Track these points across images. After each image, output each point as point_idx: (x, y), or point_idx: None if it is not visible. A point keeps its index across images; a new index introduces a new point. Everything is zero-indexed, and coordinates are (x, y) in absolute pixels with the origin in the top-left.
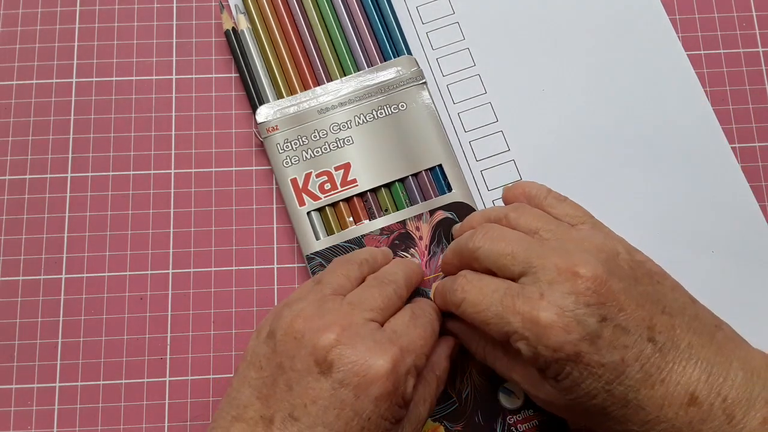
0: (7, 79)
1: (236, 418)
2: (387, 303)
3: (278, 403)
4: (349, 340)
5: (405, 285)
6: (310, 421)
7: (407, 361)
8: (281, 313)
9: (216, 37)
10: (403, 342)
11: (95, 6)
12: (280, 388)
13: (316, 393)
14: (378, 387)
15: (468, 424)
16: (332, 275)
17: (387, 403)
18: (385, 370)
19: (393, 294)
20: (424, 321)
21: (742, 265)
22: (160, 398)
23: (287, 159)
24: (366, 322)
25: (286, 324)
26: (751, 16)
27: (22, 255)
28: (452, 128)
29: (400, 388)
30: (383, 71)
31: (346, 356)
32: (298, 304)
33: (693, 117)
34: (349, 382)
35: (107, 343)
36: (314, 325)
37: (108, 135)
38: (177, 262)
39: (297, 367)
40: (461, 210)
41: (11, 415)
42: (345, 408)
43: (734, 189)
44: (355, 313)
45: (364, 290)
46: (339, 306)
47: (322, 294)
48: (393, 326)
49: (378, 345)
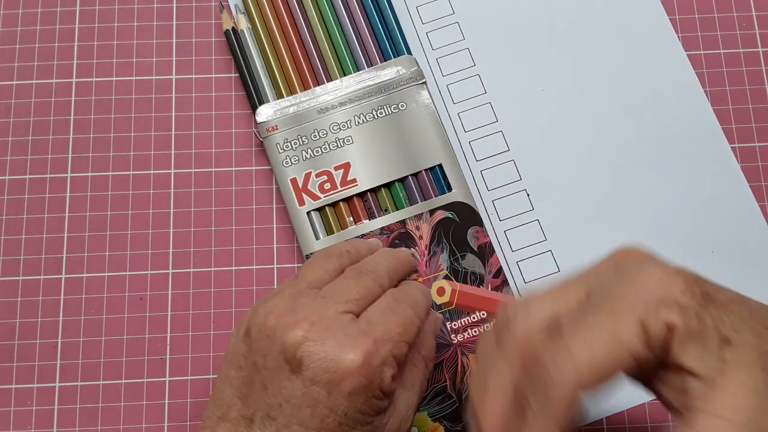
0: (7, 79)
1: (221, 417)
2: (363, 293)
3: (256, 403)
4: (319, 335)
5: (387, 274)
6: (285, 420)
7: (382, 352)
8: (257, 309)
9: (216, 37)
10: (377, 332)
11: (95, 6)
12: (257, 387)
13: (289, 392)
14: (350, 382)
15: (468, 424)
16: (310, 268)
17: (363, 397)
18: (356, 365)
19: (372, 283)
20: (404, 306)
21: (742, 265)
22: (160, 398)
23: (287, 159)
24: (339, 315)
25: (260, 321)
26: (751, 16)
27: (22, 255)
28: (452, 128)
29: (375, 381)
30: (383, 71)
31: (314, 353)
32: (273, 299)
33: (693, 117)
34: (320, 380)
35: (107, 343)
36: (285, 322)
37: (108, 135)
38: (177, 262)
39: (269, 365)
40: (461, 210)
41: (11, 415)
42: (318, 405)
43: (734, 189)
44: (328, 307)
45: (341, 282)
46: (312, 300)
47: (297, 288)
48: (368, 316)
49: (349, 338)
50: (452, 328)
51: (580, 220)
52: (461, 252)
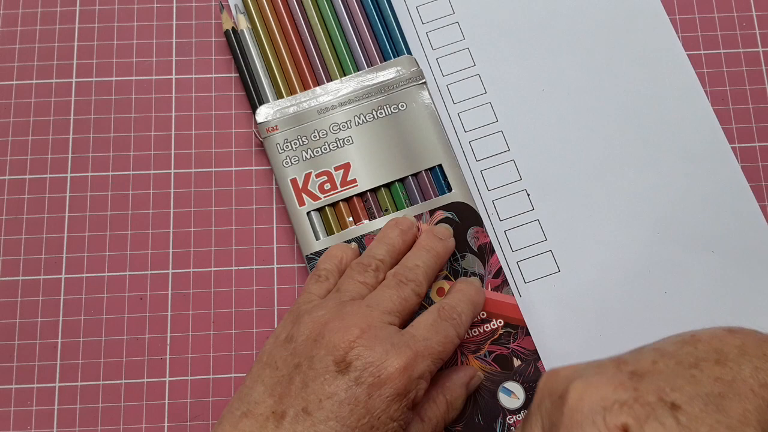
0: (7, 79)
1: (245, 414)
2: (404, 305)
3: (292, 400)
4: (368, 341)
5: (426, 279)
6: (323, 416)
7: (421, 366)
8: (301, 319)
9: (216, 37)
10: (419, 347)
11: (95, 6)
12: (296, 386)
13: (332, 389)
14: (391, 388)
15: (468, 424)
16: (350, 282)
17: (398, 404)
18: (399, 373)
19: (411, 294)
20: (447, 326)
21: (742, 265)
22: (160, 398)
23: (287, 159)
24: (385, 326)
25: (306, 329)
26: (751, 16)
27: (22, 255)
28: (452, 128)
29: (411, 392)
30: (383, 71)
31: (364, 356)
32: (319, 311)
33: (693, 117)
34: (364, 381)
35: (107, 343)
36: (334, 327)
37: (108, 135)
38: (177, 262)
39: (315, 366)
40: (461, 210)
41: (11, 415)
42: (359, 405)
43: (734, 189)
44: (374, 316)
45: (383, 291)
46: (358, 309)
47: (341, 301)
48: (413, 330)
49: (395, 348)
50: None
51: (580, 220)
52: (461, 252)
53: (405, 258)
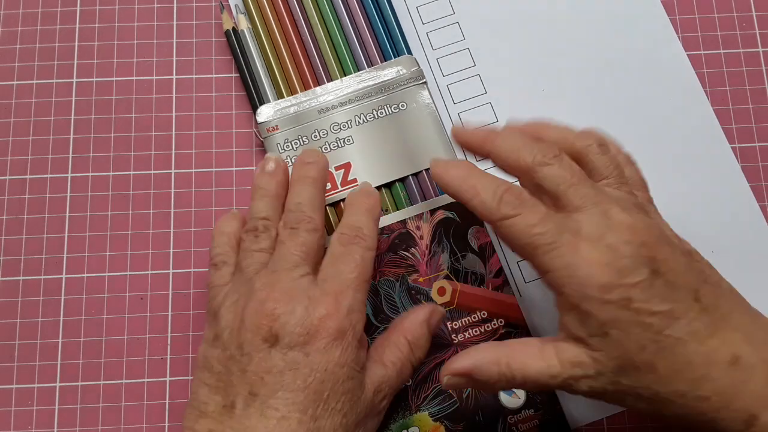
0: (7, 79)
1: (200, 415)
2: (305, 250)
3: (236, 388)
4: (286, 306)
5: (314, 212)
6: (269, 390)
7: (345, 303)
8: (219, 314)
9: (216, 37)
10: (335, 286)
11: (95, 6)
12: (236, 375)
13: (270, 364)
14: (322, 337)
15: (468, 424)
16: (247, 257)
17: (338, 348)
18: (325, 320)
19: (306, 236)
20: (353, 248)
21: (742, 265)
22: (160, 398)
23: (288, 159)
24: (296, 282)
25: (227, 322)
26: (751, 16)
27: (22, 255)
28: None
29: (347, 329)
30: (383, 71)
31: (287, 322)
32: (229, 299)
33: (693, 117)
34: (296, 343)
35: (107, 343)
36: (251, 308)
37: (108, 135)
38: (177, 262)
39: (246, 350)
40: (461, 209)
41: (11, 415)
42: (299, 367)
43: (734, 189)
44: (282, 278)
45: (280, 248)
46: (265, 278)
47: (248, 278)
48: (323, 272)
49: (312, 301)
50: (453, 328)
51: None
52: (462, 252)
53: (287, 201)
